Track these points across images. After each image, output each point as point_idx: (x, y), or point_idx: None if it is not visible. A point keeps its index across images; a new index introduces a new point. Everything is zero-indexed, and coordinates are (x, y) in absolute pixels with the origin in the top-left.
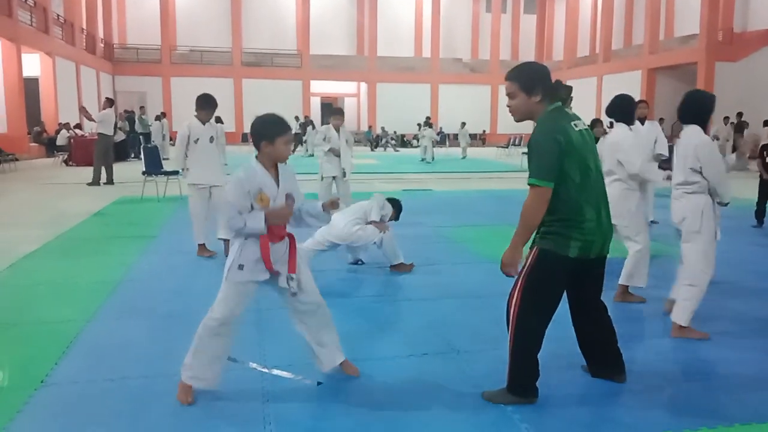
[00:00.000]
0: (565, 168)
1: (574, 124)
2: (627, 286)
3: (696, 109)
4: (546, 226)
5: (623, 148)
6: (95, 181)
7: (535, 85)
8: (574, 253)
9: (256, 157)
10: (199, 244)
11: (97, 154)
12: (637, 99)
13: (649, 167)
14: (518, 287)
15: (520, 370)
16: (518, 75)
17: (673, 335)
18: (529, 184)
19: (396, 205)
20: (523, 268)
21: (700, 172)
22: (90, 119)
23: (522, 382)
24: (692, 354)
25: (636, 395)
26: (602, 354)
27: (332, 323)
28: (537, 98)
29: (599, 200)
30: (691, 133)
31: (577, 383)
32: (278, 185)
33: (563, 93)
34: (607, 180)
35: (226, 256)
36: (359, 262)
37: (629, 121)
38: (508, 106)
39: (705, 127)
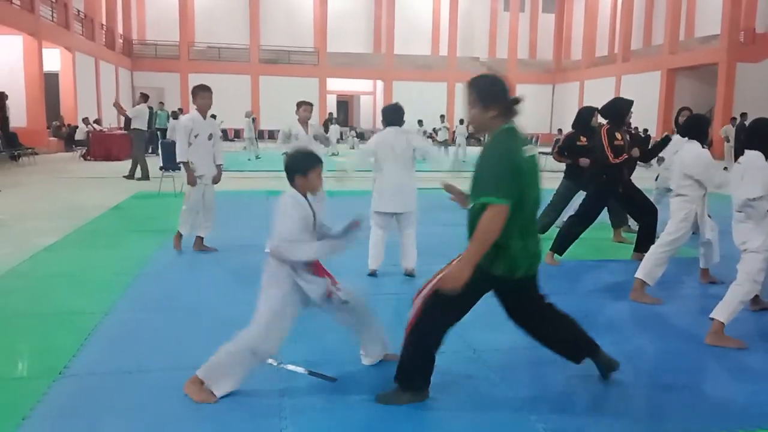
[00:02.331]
0: None
1: (525, 149)
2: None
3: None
4: None
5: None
6: (131, 175)
7: (491, 99)
8: (498, 272)
9: (293, 187)
10: (180, 233)
11: (137, 148)
12: (656, 99)
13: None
14: (432, 284)
15: (414, 366)
16: (476, 85)
17: (708, 342)
18: (485, 203)
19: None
20: (446, 266)
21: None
22: (124, 114)
23: (414, 377)
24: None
25: (658, 395)
26: (566, 342)
27: (372, 315)
28: (492, 113)
29: (530, 227)
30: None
31: (595, 385)
32: (314, 214)
33: (516, 110)
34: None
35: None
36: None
37: (703, 140)
38: (467, 113)
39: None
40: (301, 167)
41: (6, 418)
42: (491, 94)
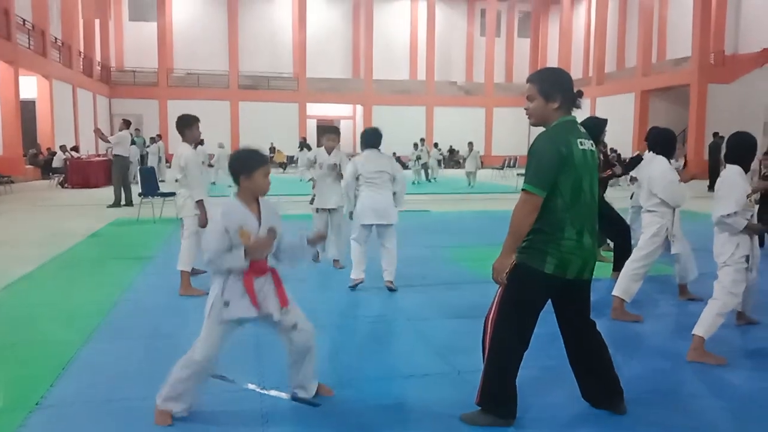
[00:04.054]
0: (558, 182)
1: (580, 142)
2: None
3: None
4: (526, 239)
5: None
6: (116, 203)
7: (554, 91)
8: (550, 269)
9: (236, 193)
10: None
11: (115, 175)
12: (630, 120)
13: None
14: (495, 301)
15: (494, 387)
16: (539, 79)
17: (689, 359)
18: (522, 189)
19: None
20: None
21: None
22: (105, 141)
23: (496, 400)
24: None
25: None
26: (597, 379)
27: (314, 351)
28: (555, 105)
29: (585, 222)
30: (728, 171)
31: (579, 404)
32: (260, 221)
33: (578, 103)
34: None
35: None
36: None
37: (670, 154)
38: (525, 108)
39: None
40: (246, 167)
41: None
42: (554, 87)
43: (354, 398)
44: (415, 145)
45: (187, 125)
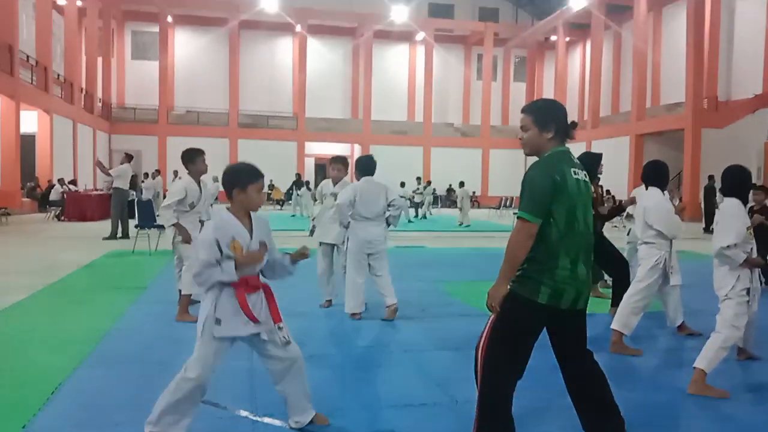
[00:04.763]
0: (552, 210)
1: (574, 171)
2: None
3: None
4: (520, 269)
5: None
6: (113, 235)
7: (549, 121)
8: (544, 299)
9: (228, 208)
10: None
11: (114, 208)
12: (626, 163)
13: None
14: (486, 330)
15: (490, 417)
16: (534, 109)
17: (690, 391)
18: (518, 217)
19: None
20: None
21: None
22: (106, 173)
23: (494, 430)
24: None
25: None
26: (596, 410)
27: (305, 376)
28: (549, 135)
29: (579, 252)
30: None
31: None
32: (251, 235)
33: (572, 134)
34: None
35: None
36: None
37: (663, 186)
38: (519, 138)
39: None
40: (240, 181)
41: None
42: (548, 118)
43: (350, 427)
44: (419, 179)
45: (190, 160)
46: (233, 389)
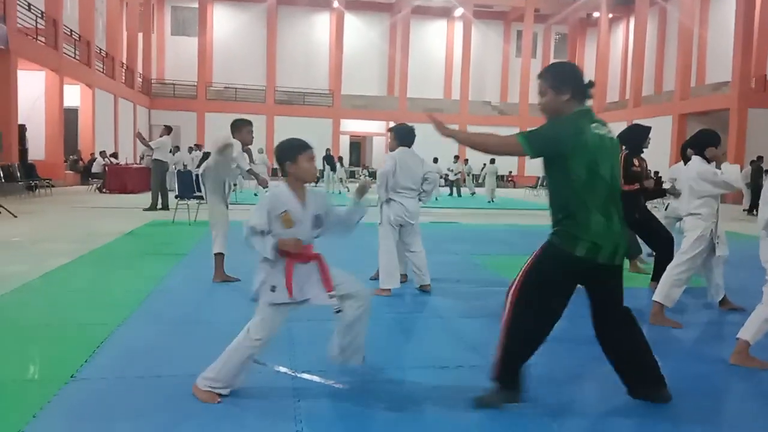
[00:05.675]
0: (572, 166)
1: (595, 126)
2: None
3: None
4: (558, 224)
5: None
6: (153, 206)
7: (563, 83)
8: (581, 252)
9: (285, 180)
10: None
11: (153, 179)
12: (668, 143)
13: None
14: (519, 276)
15: (507, 363)
16: (548, 73)
17: (733, 362)
18: (517, 139)
19: None
20: (531, 257)
21: None
22: (146, 144)
23: (508, 375)
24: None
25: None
26: (634, 367)
27: (367, 318)
28: (565, 96)
29: (610, 206)
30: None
31: (619, 400)
32: (304, 207)
33: (590, 93)
34: None
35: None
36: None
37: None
38: (539, 104)
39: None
40: (291, 154)
41: (15, 417)
42: (563, 79)
43: (386, 383)
44: (456, 157)
45: (237, 129)
46: (273, 347)
